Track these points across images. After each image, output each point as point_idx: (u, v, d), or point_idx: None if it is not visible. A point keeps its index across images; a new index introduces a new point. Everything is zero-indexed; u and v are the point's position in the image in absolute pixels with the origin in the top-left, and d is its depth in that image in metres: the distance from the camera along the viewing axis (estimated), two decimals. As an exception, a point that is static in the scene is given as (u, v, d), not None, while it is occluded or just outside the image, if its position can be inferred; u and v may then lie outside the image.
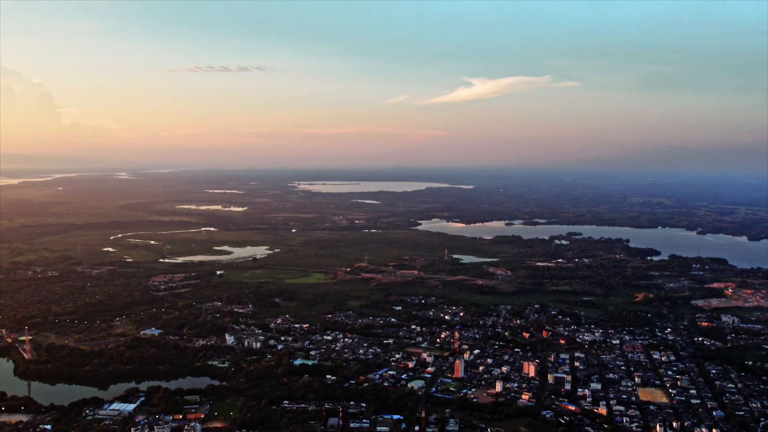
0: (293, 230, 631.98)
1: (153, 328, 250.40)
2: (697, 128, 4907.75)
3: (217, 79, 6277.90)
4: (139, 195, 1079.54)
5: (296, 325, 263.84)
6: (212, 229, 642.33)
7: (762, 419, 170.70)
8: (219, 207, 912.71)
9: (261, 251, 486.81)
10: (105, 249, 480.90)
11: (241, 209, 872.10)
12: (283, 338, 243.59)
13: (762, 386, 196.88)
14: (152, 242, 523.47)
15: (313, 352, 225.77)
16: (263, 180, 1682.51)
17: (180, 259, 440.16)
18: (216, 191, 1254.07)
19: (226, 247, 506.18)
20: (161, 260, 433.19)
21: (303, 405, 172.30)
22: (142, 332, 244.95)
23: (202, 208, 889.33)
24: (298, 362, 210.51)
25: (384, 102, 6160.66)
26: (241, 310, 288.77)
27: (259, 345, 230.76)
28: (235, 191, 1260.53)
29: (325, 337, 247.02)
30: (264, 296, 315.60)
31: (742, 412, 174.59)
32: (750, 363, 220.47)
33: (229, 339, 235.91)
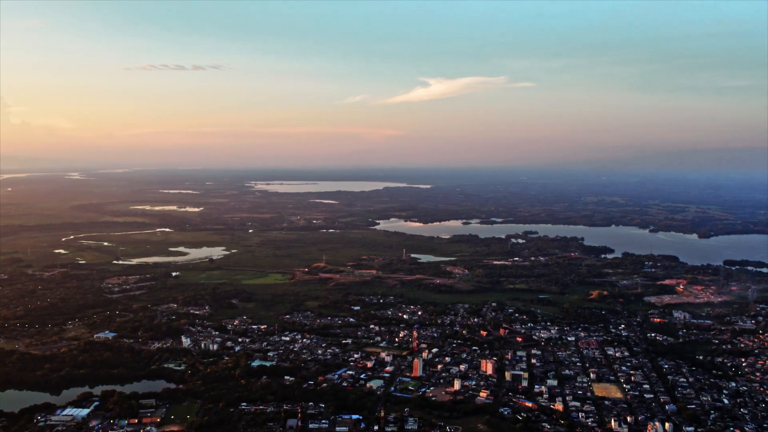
0: (250, 230, 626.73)
1: (107, 332, 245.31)
2: (648, 128, 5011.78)
3: (171, 77, 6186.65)
4: (92, 195, 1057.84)
5: (254, 326, 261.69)
6: (167, 230, 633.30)
7: (712, 412, 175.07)
8: (174, 207, 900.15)
9: (217, 252, 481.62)
10: (56, 251, 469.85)
11: (196, 210, 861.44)
12: (240, 340, 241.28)
13: (712, 380, 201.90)
14: (106, 244, 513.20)
15: (271, 353, 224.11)
16: (219, 180, 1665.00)
17: (134, 261, 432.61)
18: (171, 191, 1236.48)
19: (181, 248, 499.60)
20: (115, 262, 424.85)
21: (261, 406, 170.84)
22: (95, 335, 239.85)
23: (156, 208, 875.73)
24: (256, 363, 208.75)
25: (342, 101, 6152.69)
26: (198, 312, 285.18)
27: (216, 347, 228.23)
28: (190, 191, 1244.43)
29: (283, 337, 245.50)
30: (221, 297, 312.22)
31: (693, 406, 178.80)
32: (701, 357, 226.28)
33: (186, 341, 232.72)
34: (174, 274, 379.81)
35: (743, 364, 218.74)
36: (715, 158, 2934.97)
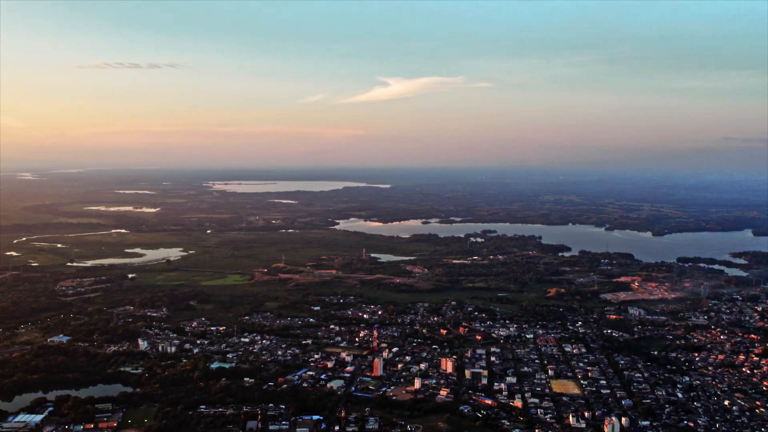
0: (208, 231, 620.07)
1: (61, 335, 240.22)
2: (603, 128, 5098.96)
3: (127, 76, 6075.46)
4: (45, 196, 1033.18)
5: (212, 328, 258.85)
6: (123, 231, 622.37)
7: (667, 406, 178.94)
8: (130, 208, 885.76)
9: (175, 253, 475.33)
10: (8, 253, 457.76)
11: (153, 210, 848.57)
12: (199, 342, 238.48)
13: (666, 375, 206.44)
14: (59, 245, 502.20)
15: (230, 355, 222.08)
16: (176, 180, 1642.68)
17: (89, 263, 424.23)
18: (127, 192, 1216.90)
19: (138, 250, 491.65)
20: (69, 264, 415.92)
21: (221, 409, 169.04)
22: (49, 339, 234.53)
23: (112, 209, 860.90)
24: (215, 366, 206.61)
25: (301, 101, 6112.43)
26: (155, 314, 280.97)
27: (174, 349, 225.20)
28: (147, 192, 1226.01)
29: (242, 339, 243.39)
30: (179, 299, 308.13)
31: (648, 400, 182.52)
32: (655, 353, 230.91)
33: (143, 344, 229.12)
34: (130, 275, 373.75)
35: (696, 359, 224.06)
36: (668, 158, 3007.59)
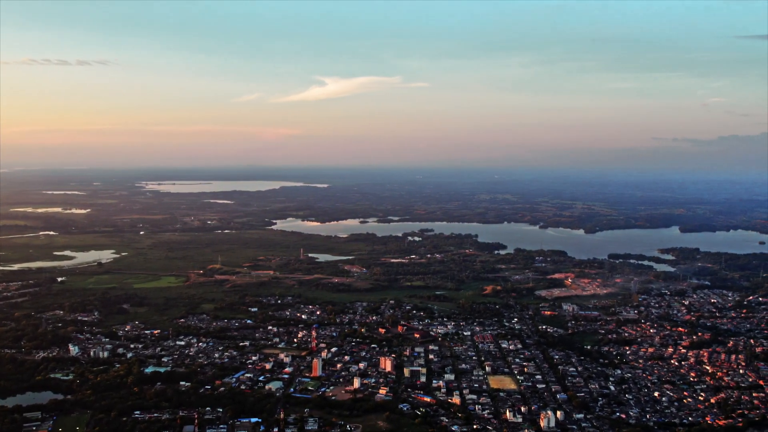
0: (142, 232, 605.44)
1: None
2: (536, 128, 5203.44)
3: (54, 73, 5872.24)
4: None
5: (147, 332, 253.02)
6: (52, 233, 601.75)
7: (600, 399, 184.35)
8: (59, 209, 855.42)
9: (107, 255, 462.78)
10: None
11: (83, 211, 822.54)
12: (132, 346, 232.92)
13: (599, 368, 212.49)
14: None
15: (165, 359, 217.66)
16: (108, 180, 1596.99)
17: (16, 266, 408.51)
18: (55, 192, 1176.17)
19: (68, 252, 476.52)
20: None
21: (156, 414, 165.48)
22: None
23: (39, 210, 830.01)
24: (149, 370, 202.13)
25: (236, 99, 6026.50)
26: (86, 318, 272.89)
27: (106, 354, 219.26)
28: (76, 192, 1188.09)
29: (177, 342, 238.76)
30: (111, 303, 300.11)
31: (582, 394, 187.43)
32: (588, 347, 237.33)
33: (74, 349, 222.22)
34: (60, 279, 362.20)
35: (627, 352, 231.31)
36: (601, 157, 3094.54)
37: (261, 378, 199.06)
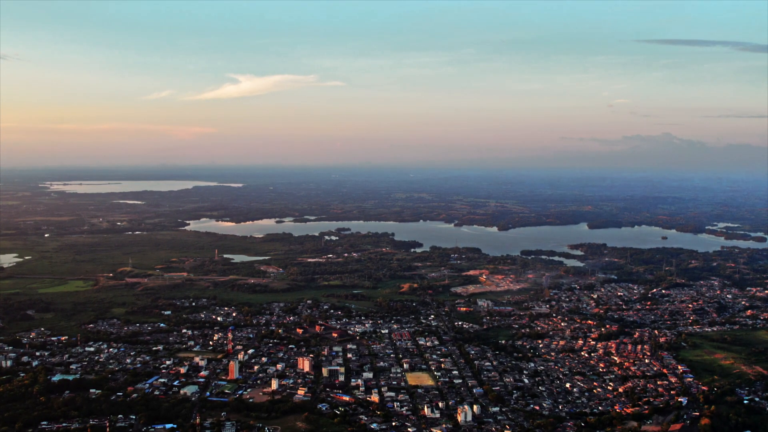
0: (46, 235, 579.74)
1: None
2: (449, 127, 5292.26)
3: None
4: None
5: (53, 338, 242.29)
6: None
7: (515, 392, 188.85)
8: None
9: (9, 259, 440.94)
10: None
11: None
12: (38, 353, 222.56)
13: (514, 362, 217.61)
14: None
15: (74, 366, 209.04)
16: (9, 180, 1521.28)
17: None
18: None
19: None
20: None
21: (65, 424, 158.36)
22: None
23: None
24: (57, 378, 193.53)
25: (146, 97, 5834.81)
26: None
27: (10, 363, 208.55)
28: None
29: (87, 348, 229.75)
30: (14, 309, 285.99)
31: (498, 387, 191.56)
32: (503, 342, 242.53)
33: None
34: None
35: (540, 346, 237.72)
36: (513, 156, 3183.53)
37: (176, 383, 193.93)
